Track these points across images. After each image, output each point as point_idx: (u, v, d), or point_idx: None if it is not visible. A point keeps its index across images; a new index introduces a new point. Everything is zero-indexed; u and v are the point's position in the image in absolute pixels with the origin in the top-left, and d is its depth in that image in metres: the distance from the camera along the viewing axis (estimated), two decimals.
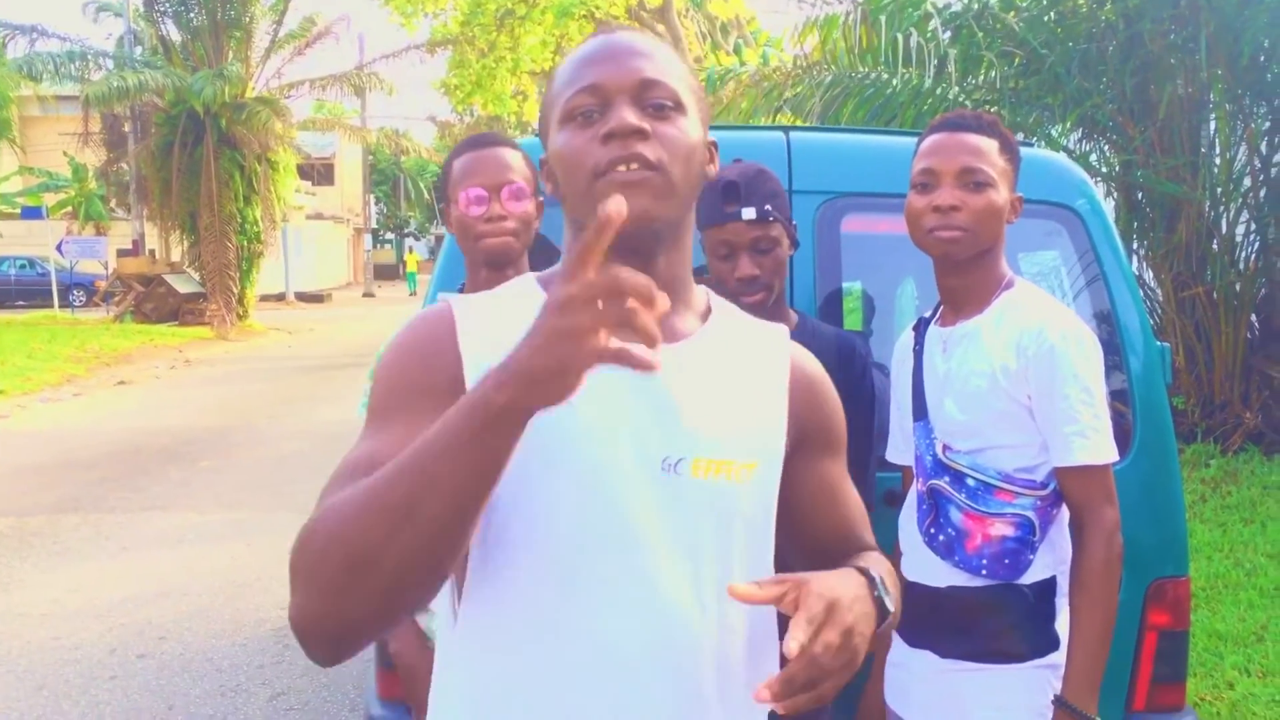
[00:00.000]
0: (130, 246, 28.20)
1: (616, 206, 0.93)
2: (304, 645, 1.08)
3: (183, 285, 25.04)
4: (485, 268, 2.33)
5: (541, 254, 2.39)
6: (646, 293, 0.93)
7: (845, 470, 1.44)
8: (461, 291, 2.45)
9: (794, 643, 1.05)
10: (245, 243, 24.01)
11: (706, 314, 1.35)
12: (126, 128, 26.50)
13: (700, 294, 1.36)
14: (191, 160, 23.06)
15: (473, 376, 1.20)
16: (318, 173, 45.52)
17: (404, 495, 1.01)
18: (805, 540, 1.39)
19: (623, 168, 1.18)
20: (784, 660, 1.10)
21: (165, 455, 9.83)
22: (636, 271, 0.93)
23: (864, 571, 1.21)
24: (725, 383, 1.29)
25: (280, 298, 35.66)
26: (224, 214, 23.09)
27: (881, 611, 1.19)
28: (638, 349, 0.94)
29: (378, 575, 1.02)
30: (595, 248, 0.93)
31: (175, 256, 26.64)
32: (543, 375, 0.96)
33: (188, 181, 23.09)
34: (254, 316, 25.37)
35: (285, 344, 21.89)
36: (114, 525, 7.38)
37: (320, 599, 1.05)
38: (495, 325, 1.22)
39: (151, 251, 27.57)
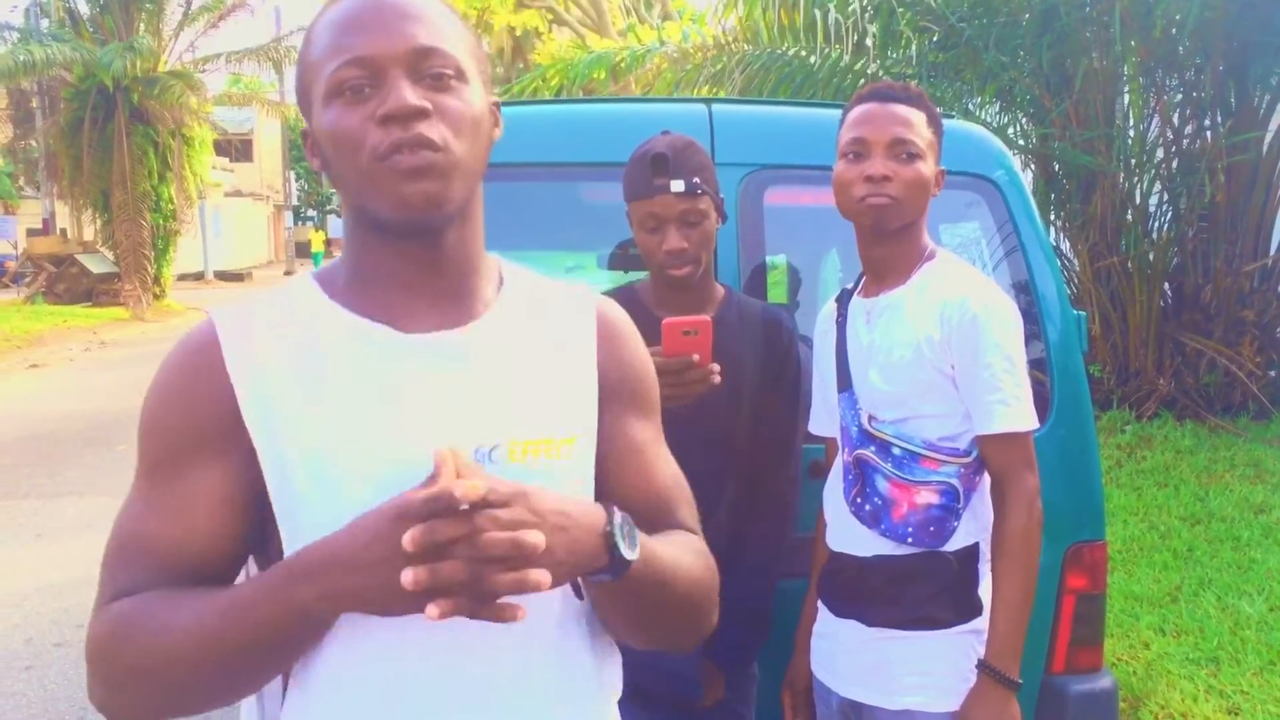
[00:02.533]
0: (41, 226, 27.50)
1: (465, 491, 0.97)
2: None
3: (96, 265, 24.45)
4: None
5: None
6: (512, 551, 0.98)
7: (659, 437, 1.35)
8: None
9: (459, 488, 0.98)
10: (160, 221, 23.49)
11: (501, 283, 1.26)
12: (34, 103, 25.74)
13: (491, 264, 1.27)
14: (103, 137, 22.45)
15: (252, 408, 1.11)
16: (236, 149, 44.63)
17: (209, 661, 1.05)
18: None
19: (404, 152, 1.08)
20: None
21: (80, 440, 9.60)
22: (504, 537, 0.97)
23: (609, 509, 1.12)
24: (530, 355, 1.22)
25: (199, 277, 34.98)
26: (138, 192, 22.55)
27: (615, 558, 1.09)
28: (505, 608, 1.01)
29: (181, 701, 1.09)
30: (432, 511, 0.98)
31: (88, 236, 26.00)
32: (372, 605, 1.01)
33: (99, 158, 22.48)
34: (172, 296, 24.87)
35: None
36: (28, 512, 7.19)
37: (124, 705, 1.11)
38: (267, 338, 1.14)
39: (63, 231, 26.87)
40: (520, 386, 1.19)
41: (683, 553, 1.23)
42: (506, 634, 1.08)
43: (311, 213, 57.03)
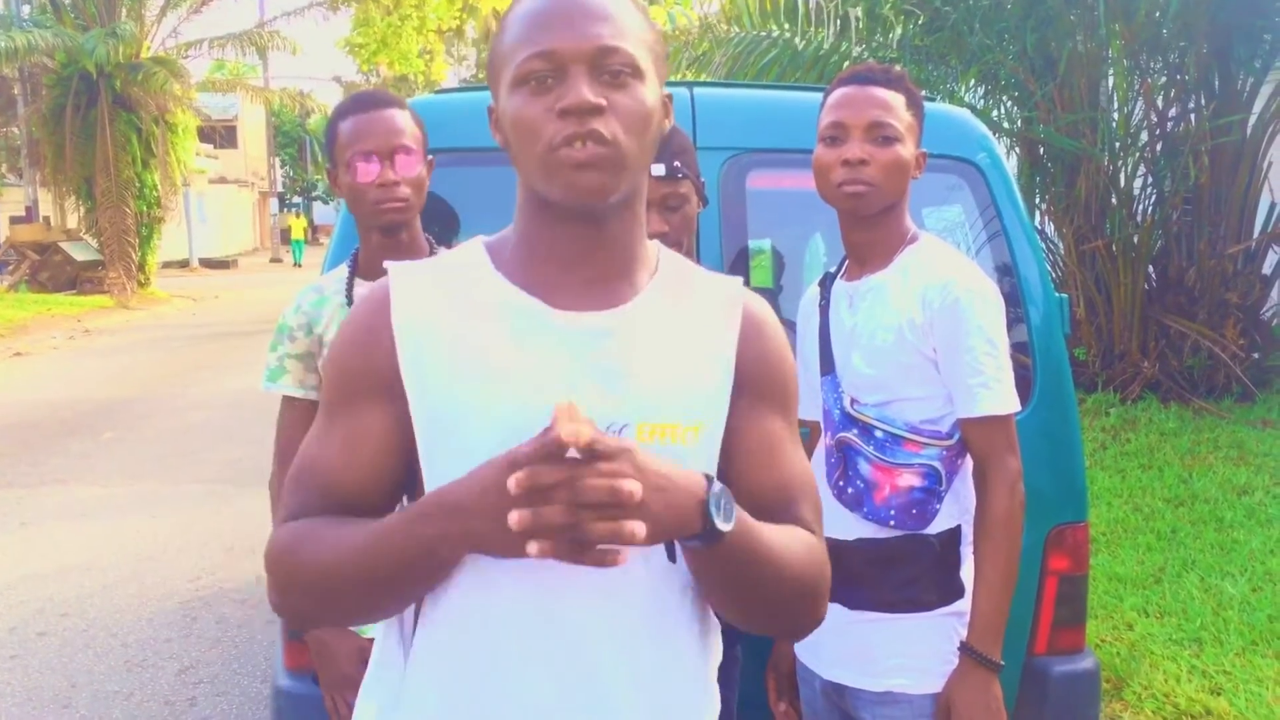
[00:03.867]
0: (24, 213, 27.29)
1: (571, 435, 1.02)
2: (280, 615, 1.33)
3: (80, 253, 24.32)
4: (378, 232, 2.27)
5: (435, 214, 2.34)
6: (610, 499, 1.04)
7: (793, 435, 1.38)
8: (354, 258, 2.38)
9: (565, 430, 1.05)
10: (145, 208, 23.35)
11: (655, 271, 1.33)
12: (16, 90, 25.53)
13: (652, 249, 1.35)
14: (85, 123, 22.28)
15: (408, 363, 1.23)
16: (220, 135, 44.35)
17: (355, 580, 1.19)
18: (741, 500, 1.25)
19: (578, 144, 1.16)
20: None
21: (65, 428, 9.56)
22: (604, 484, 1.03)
23: (709, 479, 1.16)
24: (672, 341, 1.28)
25: (184, 264, 34.81)
26: (121, 179, 22.40)
27: (708, 525, 1.14)
28: (581, 552, 1.06)
29: (339, 611, 1.27)
30: (541, 456, 1.04)
31: (71, 223, 25.85)
32: (489, 548, 1.12)
33: (82, 145, 22.32)
34: (156, 284, 24.75)
35: (189, 311, 21.42)
36: (12, 500, 7.16)
37: (292, 606, 1.27)
38: (433, 299, 1.26)
39: (46, 218, 26.71)
40: (659, 369, 1.26)
41: (790, 541, 1.27)
42: (608, 596, 1.22)
43: (297, 199, 56.75)
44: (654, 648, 1.27)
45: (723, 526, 1.14)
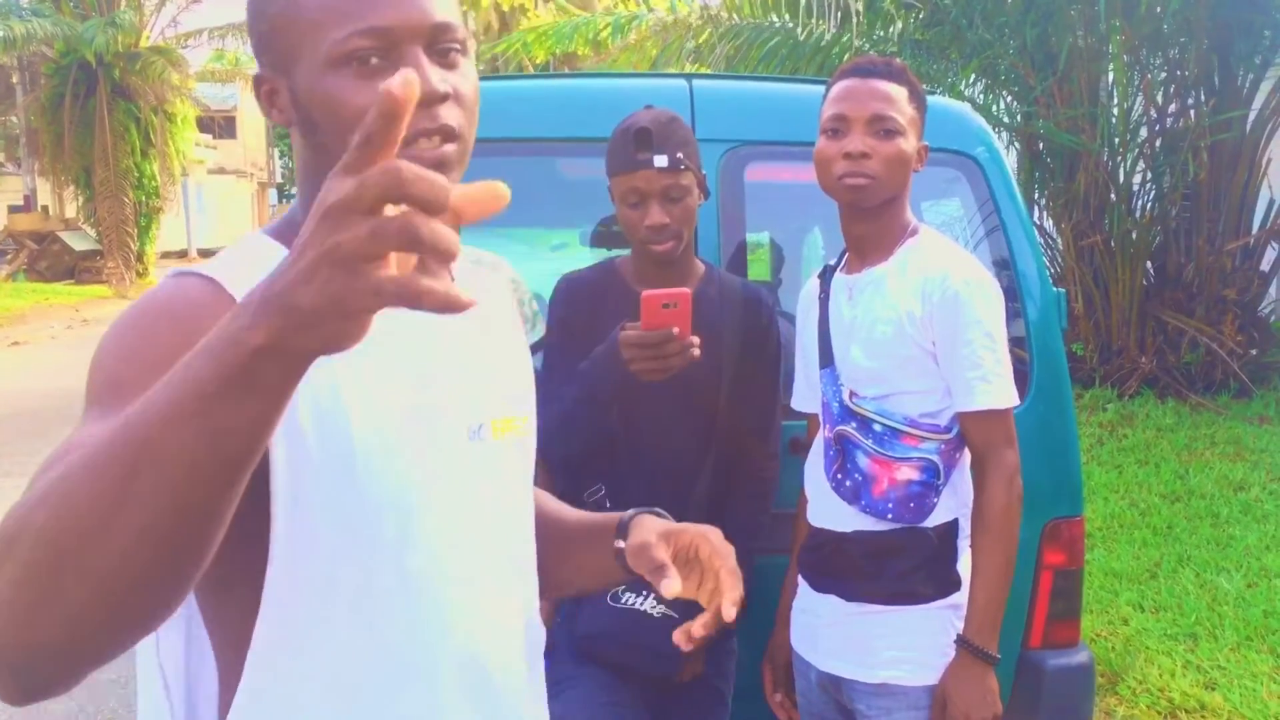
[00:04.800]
0: (22, 203, 27.28)
1: (404, 84, 0.68)
2: None
3: (78, 242, 24.30)
4: None
5: None
6: (440, 195, 0.68)
7: None
8: None
9: (732, 609, 1.04)
10: (143, 198, 23.34)
11: None
12: (14, 79, 25.50)
13: None
14: (84, 113, 22.27)
15: None
16: (219, 125, 44.21)
17: (120, 465, 0.73)
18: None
19: (425, 140, 1.02)
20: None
21: (62, 417, 9.54)
22: (420, 168, 0.68)
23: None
24: (483, 330, 1.21)
25: (183, 254, 34.75)
26: (120, 168, 22.39)
27: None
28: (437, 284, 0.69)
29: (83, 574, 0.73)
30: (379, 139, 0.69)
31: (70, 213, 25.83)
32: (313, 312, 0.70)
33: (81, 135, 22.31)
34: (154, 274, 24.72)
35: None
36: (9, 489, 7.16)
37: (5, 606, 0.75)
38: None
39: (44, 208, 26.69)
40: (487, 361, 1.20)
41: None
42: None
43: (295, 190, 56.73)
44: (533, 664, 1.23)
45: None
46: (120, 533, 0.73)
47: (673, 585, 1.12)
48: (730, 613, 1.05)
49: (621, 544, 1.27)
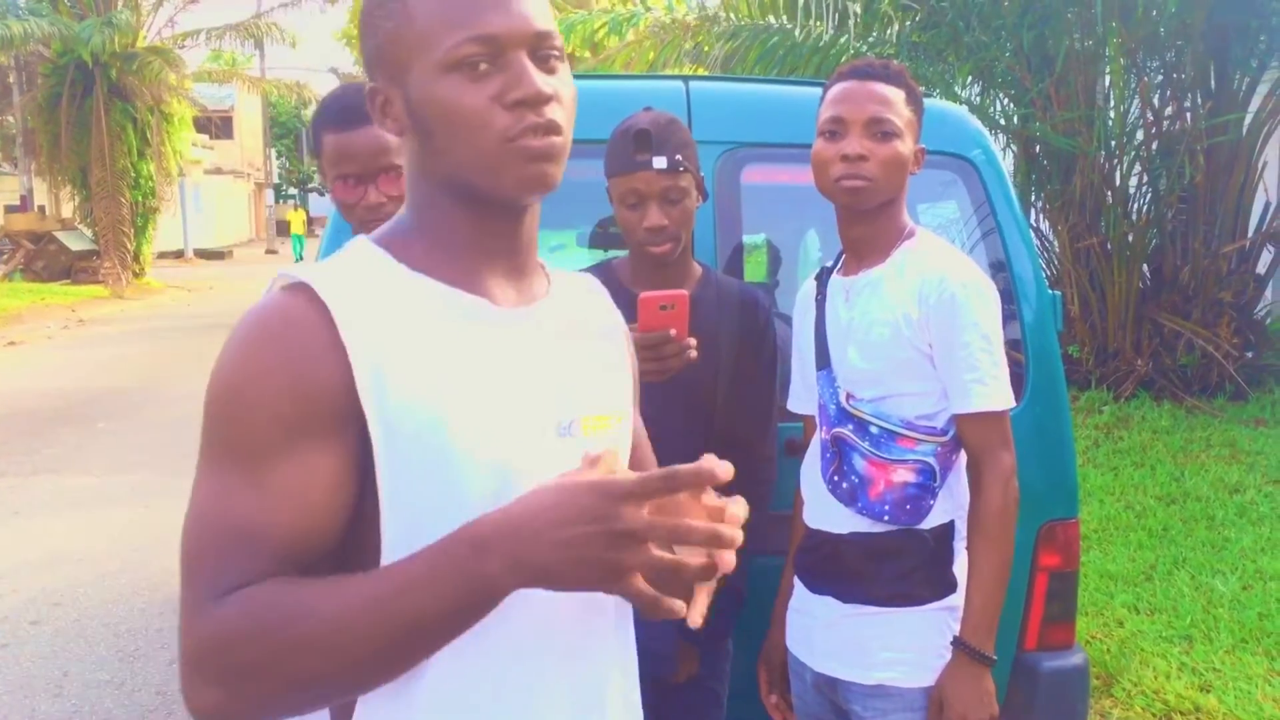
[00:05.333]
0: (18, 202, 27.26)
1: (725, 471, 0.98)
2: None
3: (75, 242, 24.28)
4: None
5: None
6: (712, 550, 0.98)
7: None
8: None
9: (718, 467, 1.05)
10: (140, 198, 23.33)
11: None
12: (11, 79, 25.48)
13: None
14: (81, 113, 22.26)
15: (365, 382, 1.06)
16: (216, 126, 44.27)
17: (385, 653, 0.99)
18: None
19: (533, 136, 1.10)
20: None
21: (59, 417, 9.55)
22: (700, 526, 0.97)
23: None
24: (585, 333, 1.28)
25: (179, 255, 34.77)
26: (117, 168, 22.38)
27: None
28: (673, 604, 0.97)
29: (329, 699, 1.04)
30: (674, 490, 0.96)
31: (66, 213, 25.83)
32: (560, 584, 0.97)
33: (78, 135, 22.30)
34: (151, 274, 24.73)
35: (184, 302, 21.39)
36: (4, 490, 7.15)
37: (246, 707, 1.00)
38: (373, 309, 1.10)
39: (41, 207, 26.67)
40: (583, 364, 1.25)
41: None
42: (602, 617, 1.22)
43: (293, 191, 56.66)
44: (628, 672, 1.31)
45: None
46: (372, 683, 1.04)
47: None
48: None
49: None
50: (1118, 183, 8.46)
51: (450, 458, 1.09)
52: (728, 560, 1.00)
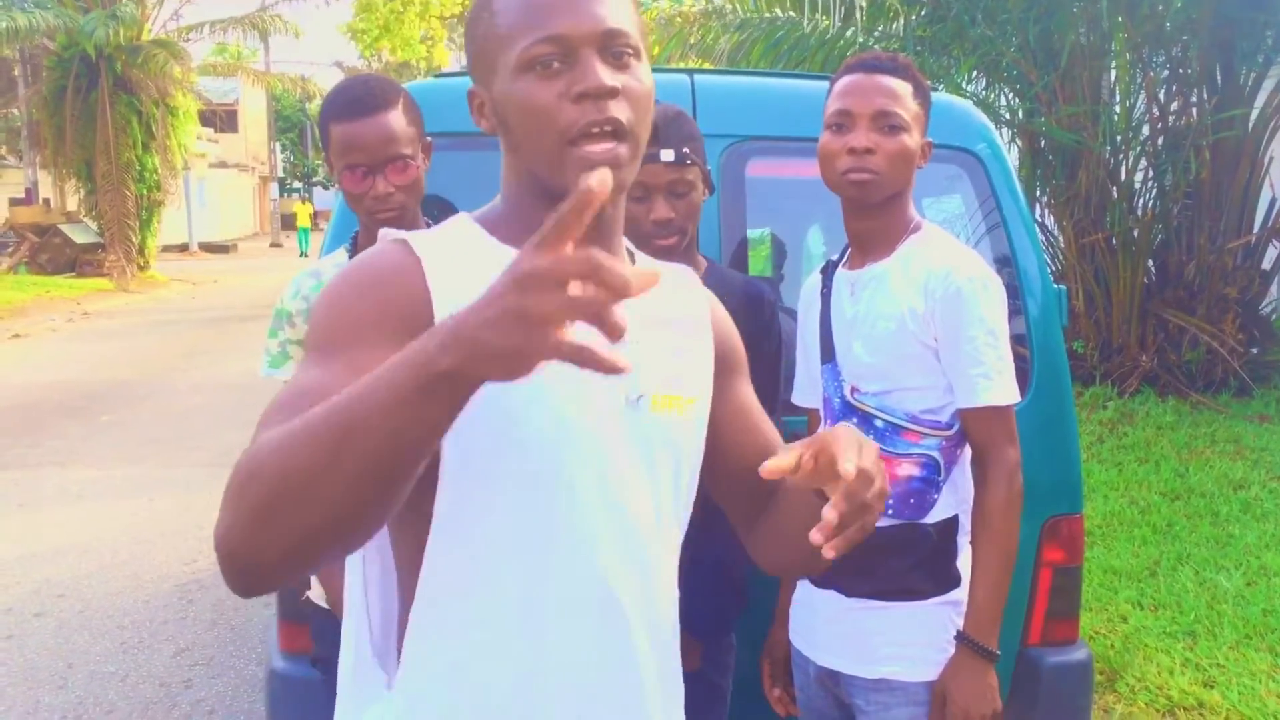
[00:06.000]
0: (23, 195, 27.26)
1: (601, 181, 0.85)
2: (223, 569, 1.04)
3: (80, 235, 24.29)
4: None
5: (432, 199, 2.33)
6: (621, 285, 0.84)
7: (753, 392, 1.50)
8: (354, 241, 2.38)
9: (849, 464, 1.09)
10: (145, 191, 23.32)
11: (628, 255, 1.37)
12: (16, 71, 25.50)
13: None
14: (86, 106, 22.25)
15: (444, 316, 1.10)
16: (220, 119, 44.27)
17: (333, 436, 0.95)
18: (733, 464, 1.41)
19: (597, 137, 1.15)
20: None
21: (64, 410, 9.56)
22: (612, 258, 0.85)
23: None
24: (662, 320, 1.32)
25: (184, 248, 34.77)
26: (121, 162, 22.37)
27: None
28: (603, 349, 0.87)
29: (300, 510, 0.97)
30: (573, 223, 0.85)
31: (71, 206, 25.83)
32: (494, 353, 0.89)
33: (83, 128, 22.29)
34: (156, 267, 24.73)
35: (188, 295, 21.40)
36: (9, 482, 7.17)
37: (242, 524, 0.99)
38: (458, 267, 1.19)
39: (46, 200, 26.68)
40: (659, 345, 1.29)
41: None
42: (641, 567, 1.25)
43: (297, 184, 56.67)
44: (672, 642, 1.35)
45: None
46: (333, 482, 0.95)
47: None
48: (846, 469, 1.11)
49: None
50: (1123, 178, 8.45)
51: (511, 405, 1.15)
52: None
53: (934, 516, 2.09)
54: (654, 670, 1.30)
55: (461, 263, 1.20)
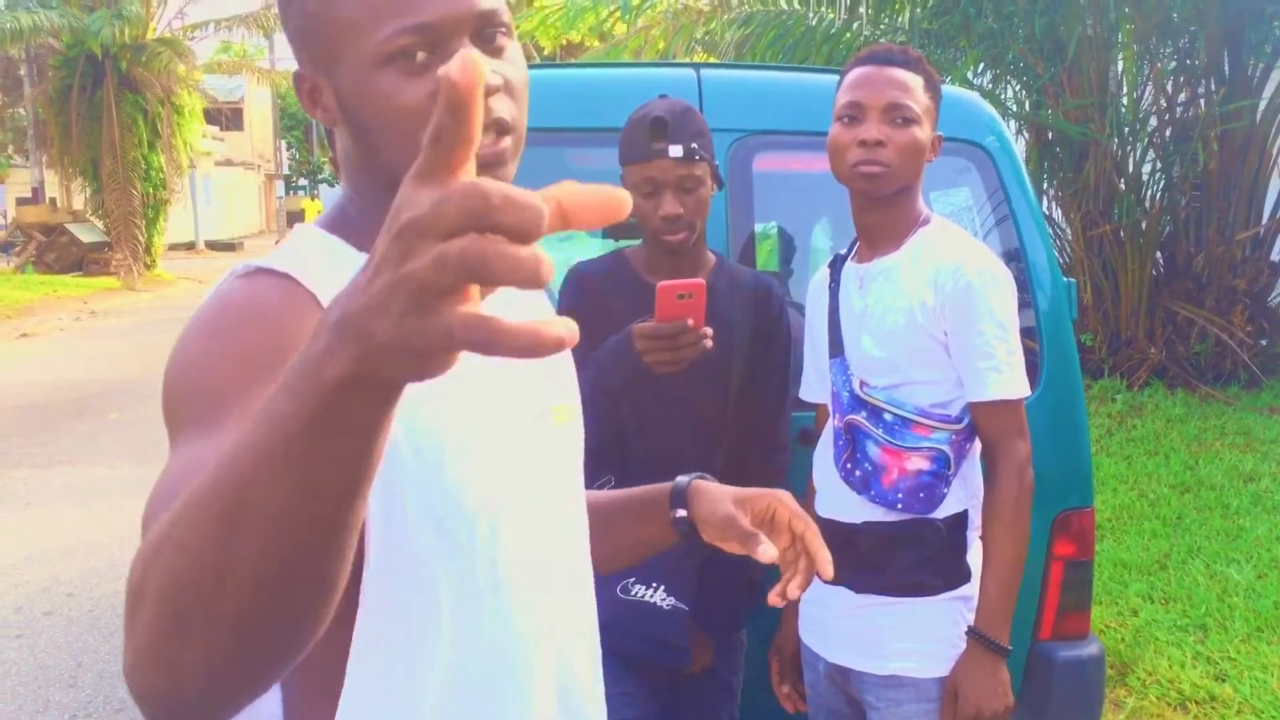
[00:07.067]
0: (30, 195, 27.31)
1: (464, 69, 0.58)
2: (143, 714, 0.76)
3: (86, 234, 24.33)
4: None
5: None
6: (533, 222, 0.59)
7: None
8: None
9: (827, 567, 1.07)
10: (151, 190, 23.36)
11: None
12: (22, 71, 25.54)
13: None
14: (92, 105, 22.29)
15: None
16: (226, 117, 44.32)
17: (222, 515, 0.68)
18: None
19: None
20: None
21: (72, 409, 9.58)
22: (515, 192, 0.59)
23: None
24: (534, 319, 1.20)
25: (190, 246, 34.81)
26: (127, 160, 22.40)
27: None
28: (518, 327, 0.60)
29: (204, 625, 0.70)
30: (451, 134, 0.59)
31: (78, 205, 25.86)
32: (388, 345, 0.62)
33: (88, 127, 22.33)
34: (162, 266, 24.78)
35: (195, 294, 21.41)
36: (18, 481, 7.18)
37: (143, 659, 0.72)
38: (332, 288, 0.95)
39: (52, 200, 26.74)
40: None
41: None
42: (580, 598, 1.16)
43: (303, 182, 56.73)
44: (594, 654, 1.23)
45: None
46: (234, 590, 0.69)
47: (768, 551, 1.16)
48: (829, 571, 1.10)
49: (683, 513, 1.29)
50: (1130, 170, 8.42)
51: (441, 452, 1.02)
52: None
53: (943, 511, 2.08)
54: (592, 683, 1.21)
55: (333, 282, 0.93)
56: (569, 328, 0.61)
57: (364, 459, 0.68)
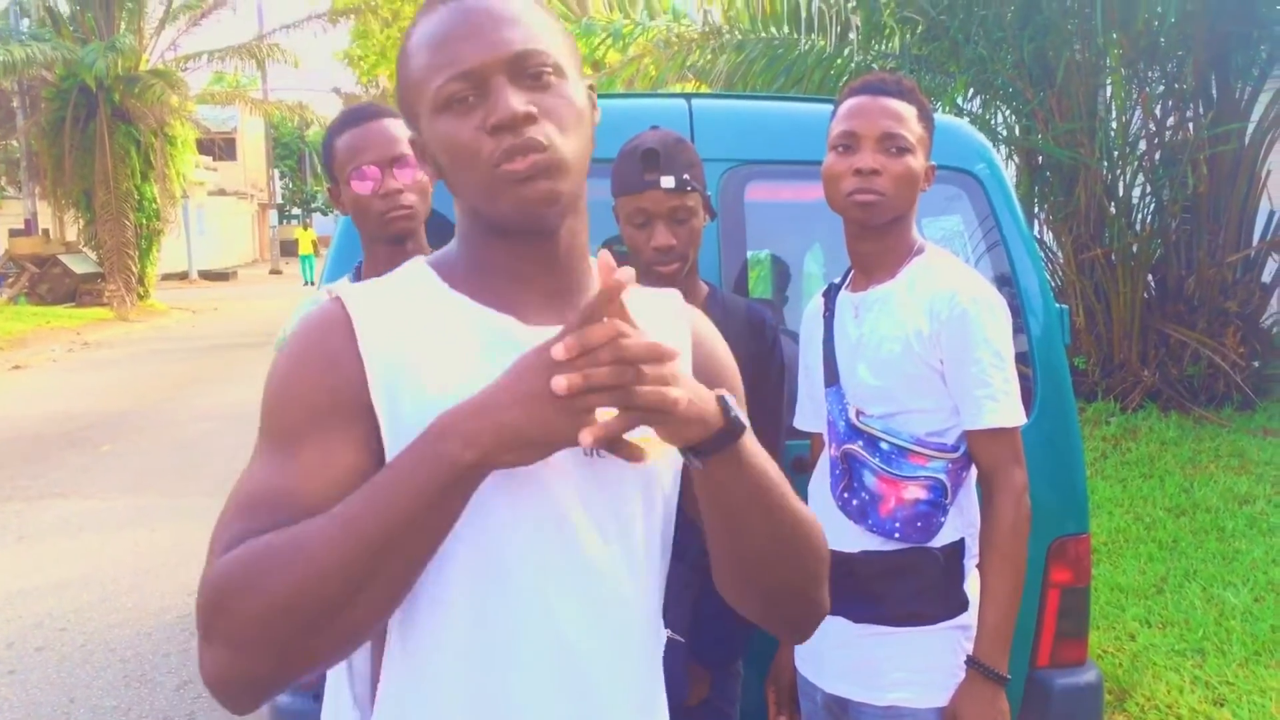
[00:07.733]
0: (23, 226, 27.27)
1: (628, 276, 0.97)
2: (222, 700, 1.06)
3: (79, 265, 24.32)
4: (383, 244, 2.27)
5: (434, 226, 2.34)
6: (659, 355, 0.99)
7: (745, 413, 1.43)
8: (358, 271, 2.38)
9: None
10: (144, 220, 23.38)
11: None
12: (15, 103, 25.58)
13: (590, 260, 1.29)
14: (84, 136, 22.33)
15: (377, 383, 1.15)
16: (219, 148, 44.45)
17: (363, 564, 1.00)
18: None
19: (517, 157, 1.12)
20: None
21: (64, 440, 9.54)
22: (641, 335, 0.97)
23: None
24: None
25: (184, 276, 34.81)
26: (121, 191, 22.44)
27: (729, 419, 1.11)
28: (633, 443, 0.99)
29: (327, 635, 1.02)
30: (599, 311, 0.95)
31: (71, 236, 25.87)
32: (522, 441, 0.99)
33: (81, 158, 22.37)
34: (156, 296, 24.77)
35: (189, 324, 21.41)
36: (10, 514, 7.14)
37: (251, 658, 1.02)
38: (396, 321, 1.18)
39: (45, 231, 26.72)
40: None
41: (788, 486, 1.26)
42: (603, 616, 1.20)
43: (296, 211, 56.80)
44: (646, 674, 1.28)
45: (743, 419, 1.12)
46: (365, 603, 1.03)
47: None
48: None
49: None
50: (1121, 193, 8.45)
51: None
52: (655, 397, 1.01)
53: (940, 540, 2.08)
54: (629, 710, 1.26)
55: (399, 311, 1.19)
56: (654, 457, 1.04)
57: (459, 513, 1.06)
